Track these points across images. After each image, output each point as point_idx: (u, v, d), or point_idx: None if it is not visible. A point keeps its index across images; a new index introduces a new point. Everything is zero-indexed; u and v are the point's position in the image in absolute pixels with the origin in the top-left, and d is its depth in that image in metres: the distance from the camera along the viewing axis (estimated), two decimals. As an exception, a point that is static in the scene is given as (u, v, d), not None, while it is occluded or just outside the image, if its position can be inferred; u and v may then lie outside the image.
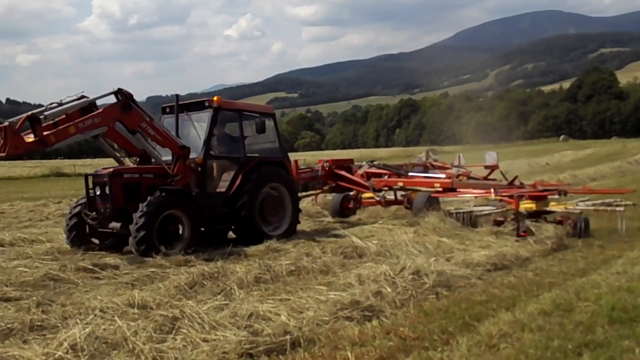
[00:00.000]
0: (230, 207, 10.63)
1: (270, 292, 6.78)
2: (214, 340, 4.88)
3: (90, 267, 8.25)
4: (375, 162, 15.49)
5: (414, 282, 6.76)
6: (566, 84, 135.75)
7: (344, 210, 14.83)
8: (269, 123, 11.77)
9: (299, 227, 12.05)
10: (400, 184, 13.73)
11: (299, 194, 13.37)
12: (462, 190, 12.45)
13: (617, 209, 10.57)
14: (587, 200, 12.04)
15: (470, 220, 10.86)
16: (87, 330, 4.81)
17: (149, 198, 9.41)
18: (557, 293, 6.39)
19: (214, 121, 10.81)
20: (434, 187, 12.83)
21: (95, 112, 9.41)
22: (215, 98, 10.94)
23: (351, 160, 15.88)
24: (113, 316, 5.60)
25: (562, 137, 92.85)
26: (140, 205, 9.31)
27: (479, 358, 4.53)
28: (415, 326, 5.37)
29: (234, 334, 4.96)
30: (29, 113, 8.71)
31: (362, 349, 4.81)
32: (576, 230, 10.18)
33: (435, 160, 18.12)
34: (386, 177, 14.13)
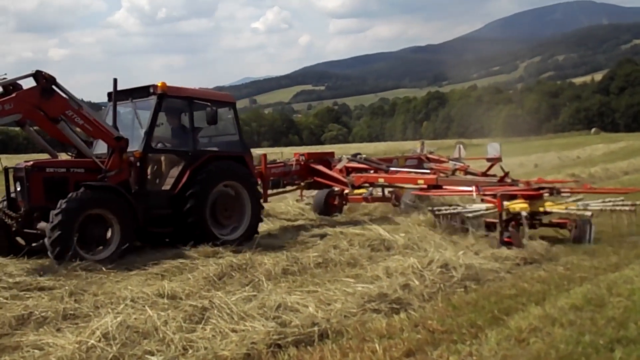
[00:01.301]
0: (176, 207, 9.43)
1: (298, 283, 6.82)
2: (243, 330, 4.93)
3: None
4: (360, 156, 14.30)
5: (442, 275, 6.72)
6: (598, 76, 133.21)
7: (329, 208, 13.79)
8: (227, 113, 10.92)
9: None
10: (381, 180, 12.77)
11: (270, 192, 12.78)
12: (448, 187, 11.35)
13: (628, 209, 8.99)
14: (578, 199, 10.26)
15: (462, 223, 9.56)
16: (118, 319, 4.90)
17: (70, 194, 8.28)
18: (588, 288, 6.29)
19: (158, 109, 9.63)
20: (417, 184, 11.80)
21: (7, 97, 8.32)
22: (159, 83, 9.64)
23: (331, 154, 14.76)
24: (143, 306, 5.68)
25: (593, 130, 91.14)
26: (60, 201, 8.16)
27: (508, 352, 4.49)
28: (444, 319, 5.34)
29: (262, 325, 4.99)
30: None
31: (390, 341, 4.81)
32: (578, 233, 9.07)
33: (431, 153, 16.97)
34: (372, 172, 13.12)
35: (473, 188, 10.08)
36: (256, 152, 15.19)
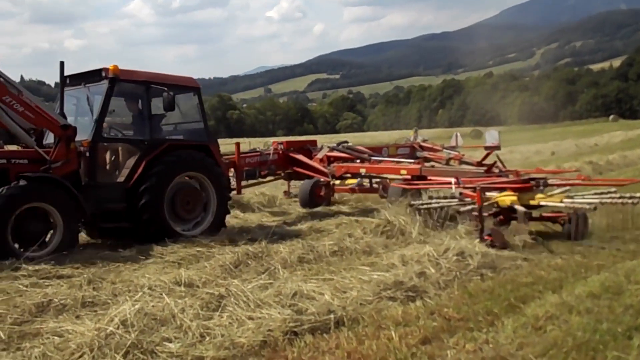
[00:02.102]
0: (130, 201, 8.83)
1: (314, 272, 6.84)
2: (259, 318, 4.95)
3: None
4: (344, 144, 13.69)
5: (458, 263, 6.70)
6: (616, 62, 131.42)
7: (315, 199, 13.02)
8: (191, 99, 10.24)
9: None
10: (363, 170, 12.16)
11: (244, 182, 12.17)
12: (432, 179, 10.63)
13: (630, 201, 8.14)
14: (565, 190, 9.19)
15: (447, 217, 8.97)
16: (136, 306, 4.94)
17: (3, 187, 7.69)
18: (606, 276, 6.24)
19: (109, 95, 8.90)
20: (400, 174, 11.14)
21: None
22: (111, 66, 8.93)
23: (313, 142, 14.13)
24: (161, 293, 5.73)
25: (611, 117, 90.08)
26: None
27: (525, 340, 4.47)
28: (460, 307, 5.34)
29: (279, 313, 5.02)
30: None
31: (406, 328, 4.81)
32: (571, 229, 8.33)
33: (425, 141, 16.32)
34: (355, 161, 12.54)
35: (453, 180, 9.30)
36: (271, 140, 15.02)
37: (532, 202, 8.64)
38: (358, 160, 12.63)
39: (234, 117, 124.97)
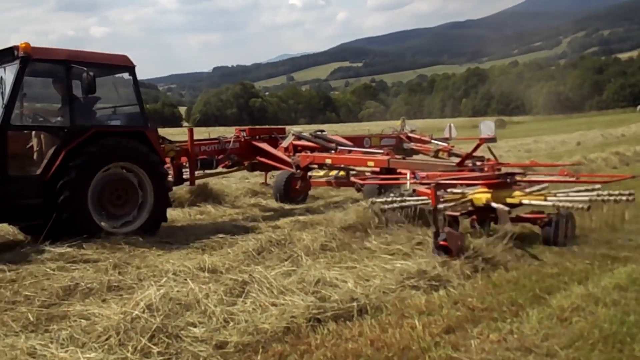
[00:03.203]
0: (48, 196, 7.82)
1: (337, 259, 6.83)
2: (282, 304, 4.98)
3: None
4: (318, 132, 12.72)
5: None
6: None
7: (291, 192, 12.03)
8: (123, 80, 9.21)
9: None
10: (329, 161, 11.00)
11: (197, 172, 11.08)
12: (402, 172, 9.62)
13: (623, 198, 7.08)
14: (542, 188, 8.23)
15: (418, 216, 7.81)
16: (161, 291, 5.00)
17: None
18: (633, 268, 6.15)
19: (20, 76, 7.90)
20: (367, 166, 10.13)
21: None
22: (22, 44, 7.92)
23: (280, 130, 12.88)
24: (185, 279, 5.78)
25: (639, 107, 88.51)
26: None
27: (550, 331, 4.43)
28: (484, 297, 5.30)
29: (302, 299, 5.03)
30: None
31: (430, 317, 4.80)
32: (550, 232, 7.30)
33: (413, 131, 15.17)
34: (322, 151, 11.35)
35: (409, 175, 8.41)
36: (294, 128, 14.68)
37: (509, 200, 7.52)
38: (333, 151, 11.44)
39: (256, 105, 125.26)
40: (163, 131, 13.15)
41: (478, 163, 10.60)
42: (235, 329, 4.54)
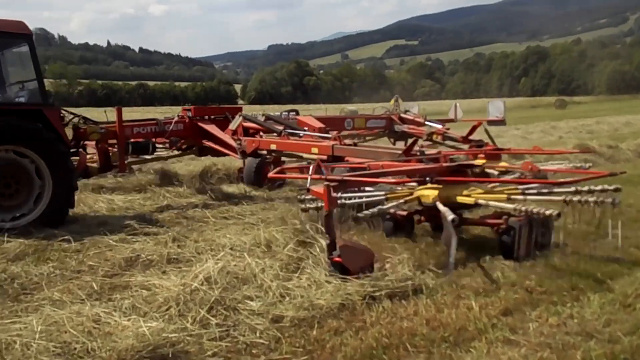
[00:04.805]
0: None
1: (394, 240, 6.78)
2: (337, 282, 5.00)
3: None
4: (291, 113, 11.59)
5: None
6: None
7: (262, 179, 10.47)
8: (19, 52, 8.16)
9: None
10: (274, 146, 9.69)
11: (128, 159, 10.03)
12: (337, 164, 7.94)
13: (607, 200, 5.59)
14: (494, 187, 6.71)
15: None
16: (219, 265, 5.10)
17: None
18: (702, 254, 5.89)
19: None
20: (311, 153, 8.72)
21: None
22: None
23: (235, 109, 11.43)
24: (242, 253, 5.86)
25: None
26: None
27: (612, 316, 4.31)
28: (542, 280, 5.18)
29: (356, 277, 5.04)
30: None
31: (486, 299, 4.73)
32: (510, 243, 5.81)
33: (407, 112, 13.69)
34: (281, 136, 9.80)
35: (311, 170, 7.00)
36: (348, 107, 14.17)
37: (461, 200, 6.19)
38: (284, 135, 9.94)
39: (310, 83, 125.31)
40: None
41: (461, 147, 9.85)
42: (291, 304, 4.59)
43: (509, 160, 9.40)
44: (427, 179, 6.30)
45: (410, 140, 10.51)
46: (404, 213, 6.81)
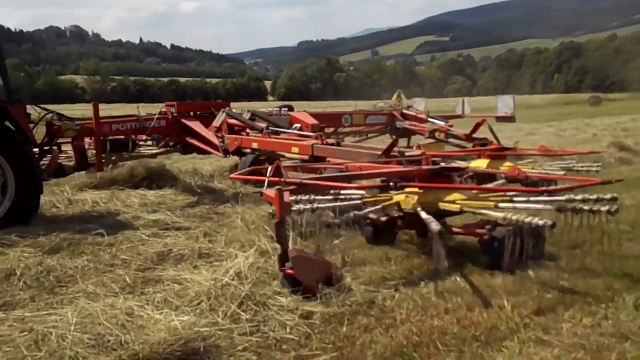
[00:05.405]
0: None
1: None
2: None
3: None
4: (283, 109, 10.93)
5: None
6: None
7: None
8: None
9: None
10: (255, 144, 9.19)
11: (103, 157, 9.35)
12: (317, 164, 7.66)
13: (602, 209, 4.86)
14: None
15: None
16: (249, 260, 5.13)
17: None
18: None
19: None
20: (292, 152, 8.24)
21: None
22: None
23: (222, 105, 10.74)
24: (269, 251, 5.88)
25: None
26: None
27: (648, 318, 4.22)
28: (576, 280, 5.10)
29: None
30: None
31: (518, 298, 4.67)
32: (494, 256, 5.34)
33: (409, 107, 13.22)
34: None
35: (268, 171, 6.48)
36: (379, 104, 13.89)
37: (444, 206, 5.58)
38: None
39: (340, 80, 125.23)
40: (248, 105, 12.50)
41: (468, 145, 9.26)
42: (320, 300, 4.60)
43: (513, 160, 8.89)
44: (391, 184, 5.75)
45: (432, 137, 10.53)
46: (384, 219, 6.19)
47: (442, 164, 6.04)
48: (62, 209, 8.60)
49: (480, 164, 7.60)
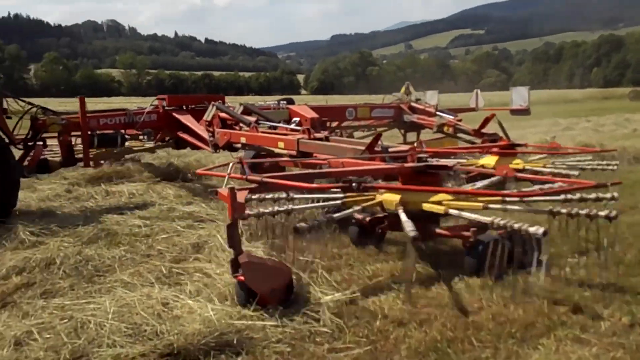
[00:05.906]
0: None
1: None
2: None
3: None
4: (282, 102, 10.32)
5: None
6: None
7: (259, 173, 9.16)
8: None
9: None
10: (243, 139, 8.66)
11: (92, 150, 9.09)
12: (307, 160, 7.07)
13: (601, 214, 4.36)
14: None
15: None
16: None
17: None
18: None
19: None
20: (278, 147, 7.73)
21: None
22: None
23: (216, 98, 10.04)
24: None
25: None
26: None
27: (690, 318, 4.11)
28: (615, 278, 4.98)
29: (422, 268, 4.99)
30: None
31: (555, 295, 4.59)
32: (477, 261, 5.00)
33: (418, 100, 12.53)
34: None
35: (230, 168, 6.06)
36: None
37: (429, 208, 5.07)
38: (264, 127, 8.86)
39: (373, 73, 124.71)
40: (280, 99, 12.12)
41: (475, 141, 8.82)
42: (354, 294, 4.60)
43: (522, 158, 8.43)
44: (354, 185, 5.32)
45: (440, 131, 10.22)
46: (369, 219, 5.92)
47: (429, 162, 5.54)
48: (100, 200, 8.78)
49: (489, 161, 7.29)
